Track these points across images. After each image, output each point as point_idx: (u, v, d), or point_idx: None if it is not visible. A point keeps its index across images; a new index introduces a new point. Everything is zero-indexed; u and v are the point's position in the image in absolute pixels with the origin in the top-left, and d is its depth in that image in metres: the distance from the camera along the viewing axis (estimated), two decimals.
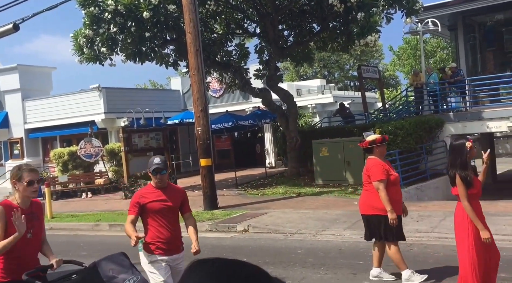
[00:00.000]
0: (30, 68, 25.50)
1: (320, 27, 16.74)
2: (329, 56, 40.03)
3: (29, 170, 4.01)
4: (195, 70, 13.05)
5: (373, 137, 6.54)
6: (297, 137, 17.61)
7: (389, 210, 6.04)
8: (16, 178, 3.97)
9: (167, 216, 4.66)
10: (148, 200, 4.65)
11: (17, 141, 24.72)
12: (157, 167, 4.60)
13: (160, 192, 4.69)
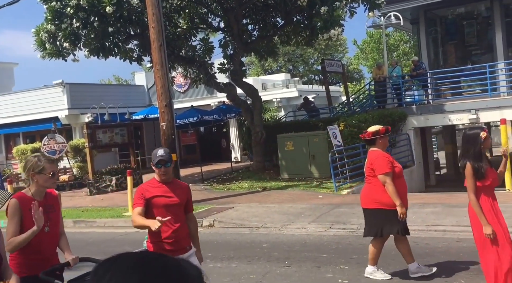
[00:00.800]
0: None
1: (284, 21, 16.83)
2: (293, 50, 40.24)
3: (50, 162, 3.82)
4: (159, 65, 12.94)
5: (376, 127, 6.20)
6: (262, 131, 17.69)
7: (399, 204, 5.77)
8: (37, 170, 3.71)
9: (173, 213, 4.21)
10: (152, 195, 4.25)
11: None
12: (161, 159, 4.23)
13: (165, 187, 4.29)
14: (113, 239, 10.12)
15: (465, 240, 7.83)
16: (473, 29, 19.79)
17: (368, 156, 6.16)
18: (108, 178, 17.38)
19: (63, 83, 22.12)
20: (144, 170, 21.35)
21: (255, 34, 18.11)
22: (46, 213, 3.67)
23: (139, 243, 9.43)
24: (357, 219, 9.50)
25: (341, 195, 12.70)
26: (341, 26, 15.53)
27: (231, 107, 19.85)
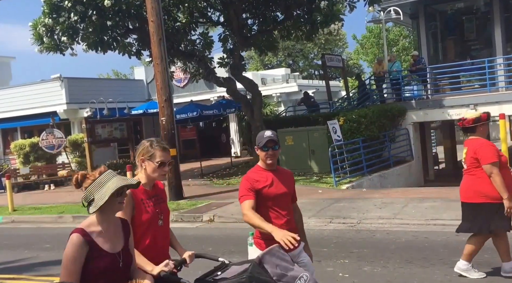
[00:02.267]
0: None
1: (284, 16, 16.76)
2: (293, 45, 40.17)
3: (163, 149, 3.35)
4: (158, 60, 12.91)
5: (476, 114, 5.69)
6: (262, 126, 17.61)
7: (506, 197, 5.26)
8: (146, 156, 3.32)
9: (283, 204, 3.82)
10: (262, 185, 3.75)
11: None
12: (270, 139, 3.72)
13: (272, 175, 3.81)
14: None
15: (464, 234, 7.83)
16: (473, 24, 19.78)
17: (469, 145, 5.66)
18: None
19: (61, 78, 22.04)
20: None
21: (255, 29, 18.03)
22: (158, 205, 3.35)
23: None
24: (357, 214, 9.51)
25: (341, 190, 12.69)
26: (341, 20, 15.47)
27: (231, 102, 19.81)
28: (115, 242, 2.85)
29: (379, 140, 15.82)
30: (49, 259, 8.30)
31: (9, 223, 12.86)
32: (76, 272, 2.69)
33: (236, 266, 3.15)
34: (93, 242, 2.75)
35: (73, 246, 2.70)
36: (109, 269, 2.77)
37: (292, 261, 3.24)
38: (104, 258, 2.76)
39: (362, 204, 10.43)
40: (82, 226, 2.80)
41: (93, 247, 2.74)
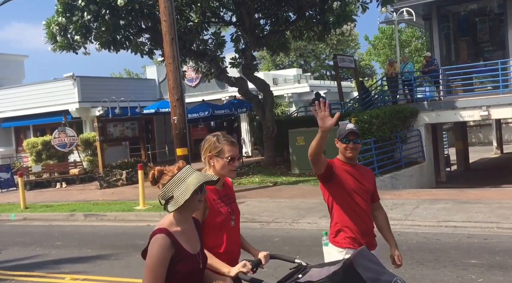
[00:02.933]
0: (2, 56, 24.99)
1: (296, 16, 16.75)
2: (305, 46, 40.13)
3: (231, 143, 3.15)
4: (170, 59, 12.93)
5: None
6: (274, 126, 17.66)
7: None
8: (214, 152, 3.09)
9: (363, 200, 3.62)
10: (341, 173, 3.56)
11: None
12: (352, 132, 3.61)
13: (352, 169, 3.63)
14: (124, 232, 10.15)
15: (476, 236, 7.78)
16: (486, 25, 19.62)
17: None
18: (118, 172, 17.43)
19: (73, 76, 22.20)
20: (155, 164, 21.39)
21: (267, 29, 18.05)
22: (229, 205, 3.14)
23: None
24: None
25: None
26: (353, 21, 15.43)
27: (243, 102, 19.84)
28: (194, 243, 2.67)
29: (391, 141, 15.75)
30: (60, 256, 8.37)
31: (21, 220, 12.98)
32: (163, 276, 2.49)
33: (318, 268, 2.98)
34: (178, 243, 2.55)
35: (160, 248, 2.48)
36: (192, 272, 2.60)
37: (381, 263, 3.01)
38: (188, 260, 2.58)
39: None
40: (165, 226, 2.57)
41: (179, 249, 2.54)
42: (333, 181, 3.55)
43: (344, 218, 3.54)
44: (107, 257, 8.03)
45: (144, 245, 2.61)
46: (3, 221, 13.08)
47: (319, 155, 3.44)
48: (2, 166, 20.83)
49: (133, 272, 6.93)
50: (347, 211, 3.58)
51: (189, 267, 2.58)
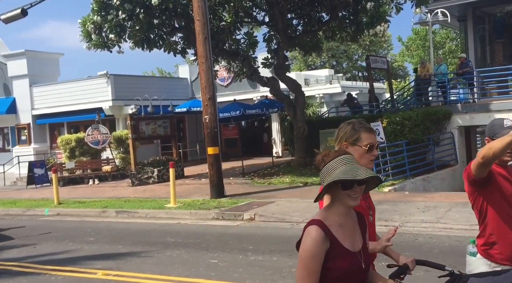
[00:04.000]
0: (38, 53, 25.53)
1: (329, 16, 16.63)
2: (337, 46, 39.83)
3: (368, 130, 2.85)
4: (203, 58, 13.03)
5: None
6: (305, 126, 17.58)
7: None
8: (351, 140, 2.82)
9: None
10: (498, 180, 3.07)
11: (25, 127, 24.86)
12: None
13: (506, 172, 3.13)
14: (154, 229, 10.26)
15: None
16: None
17: None
18: (150, 170, 17.65)
19: (107, 74, 22.58)
20: (186, 162, 21.60)
21: (300, 29, 17.98)
22: (366, 199, 2.85)
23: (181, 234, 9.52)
24: (399, 216, 9.33)
25: (383, 192, 12.47)
26: (387, 22, 15.24)
27: (274, 102, 19.82)
28: (354, 239, 2.40)
29: (423, 143, 15.50)
30: (92, 252, 8.51)
31: (55, 216, 13.26)
32: (317, 272, 2.27)
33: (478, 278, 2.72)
34: (334, 237, 2.31)
35: (313, 241, 2.26)
36: (351, 270, 2.34)
37: None
38: (345, 257, 2.32)
39: (404, 207, 10.24)
40: (319, 218, 2.34)
41: (334, 243, 2.30)
42: (490, 186, 3.06)
43: (501, 229, 3.06)
44: (138, 253, 8.12)
45: (174, 242, 2.58)
46: (37, 216, 13.40)
47: (498, 158, 2.93)
48: (36, 162, 21.36)
49: (164, 269, 7.00)
50: (505, 220, 3.08)
51: (347, 265, 2.32)
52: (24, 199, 16.35)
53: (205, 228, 10.02)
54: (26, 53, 24.74)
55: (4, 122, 25.30)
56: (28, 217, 13.26)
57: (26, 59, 24.60)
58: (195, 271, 6.83)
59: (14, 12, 12.09)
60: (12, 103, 25.06)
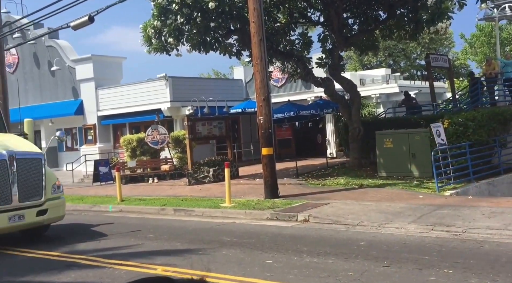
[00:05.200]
0: (103, 58, 26.59)
1: (387, 15, 16.30)
2: (395, 45, 38.91)
3: None
4: (258, 60, 13.10)
5: None
6: (360, 127, 17.32)
7: None
8: None
9: None
10: None
11: (91, 128, 25.96)
12: None
13: None
14: (210, 228, 10.42)
15: None
16: None
17: None
18: (206, 169, 17.94)
19: (166, 77, 23.18)
20: (240, 162, 21.80)
21: (355, 28, 17.74)
22: None
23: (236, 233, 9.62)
24: (462, 222, 8.99)
25: (444, 196, 12.08)
26: (449, 19, 14.73)
27: (328, 102, 19.65)
28: None
29: (488, 145, 14.83)
30: (153, 248, 8.76)
31: (118, 212, 13.75)
32: None
33: None
34: None
35: None
36: None
37: None
38: None
39: (468, 212, 9.84)
40: None
41: None
42: None
43: None
44: (195, 251, 8.29)
45: (229, 241, 2.62)
46: (102, 212, 13.96)
47: None
48: (101, 160, 22.23)
49: (220, 267, 7.10)
50: None
51: None
52: (90, 195, 17.06)
53: (259, 228, 10.08)
54: (92, 58, 25.85)
55: (73, 123, 26.51)
56: (94, 213, 13.82)
57: (92, 63, 25.71)
58: (250, 271, 6.89)
59: (82, 19, 12.65)
60: (80, 105, 26.25)
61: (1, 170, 8.93)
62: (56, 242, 9.75)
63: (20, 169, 9.10)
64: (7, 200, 8.91)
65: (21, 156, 9.23)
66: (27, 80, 28.30)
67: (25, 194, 9.15)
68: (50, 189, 9.63)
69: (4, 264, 8.26)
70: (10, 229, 9.21)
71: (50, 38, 26.67)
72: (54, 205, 9.69)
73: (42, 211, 9.42)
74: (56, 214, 9.84)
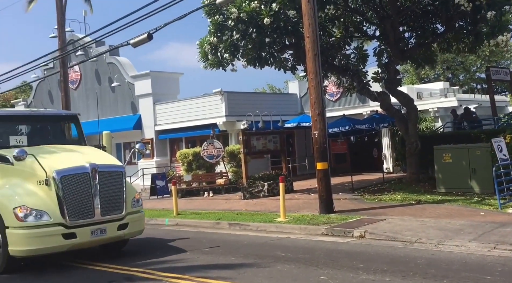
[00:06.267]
0: (161, 74, 27.48)
1: (445, 28, 15.98)
2: (453, 58, 37.87)
3: None
4: (313, 74, 13.16)
5: None
6: (417, 142, 16.97)
7: None
8: None
9: None
10: None
11: (148, 142, 26.77)
12: None
13: None
14: (265, 243, 10.49)
15: None
16: None
17: None
18: (260, 184, 18.08)
19: (221, 92, 23.64)
20: (295, 177, 21.82)
21: (412, 42, 17.48)
22: None
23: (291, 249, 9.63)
24: None
25: (507, 214, 11.60)
26: (509, 31, 14.26)
27: (384, 117, 19.39)
28: None
29: None
30: (208, 262, 8.91)
31: (174, 225, 14.07)
32: None
33: None
34: None
35: None
36: None
37: None
38: None
39: None
40: None
41: None
42: None
43: None
44: (250, 265, 8.37)
45: (284, 256, 2.66)
46: (158, 225, 14.33)
47: None
48: (158, 174, 22.87)
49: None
50: None
51: None
52: (147, 209, 17.50)
53: (314, 244, 10.05)
54: (151, 74, 26.78)
55: (131, 137, 27.47)
56: (151, 226, 14.20)
57: (150, 79, 26.63)
58: None
59: (141, 37, 13.19)
60: (138, 119, 27.18)
61: (84, 183, 8.85)
62: (114, 255, 10.04)
63: (102, 182, 8.97)
64: (89, 213, 8.83)
65: (103, 169, 9.10)
66: (89, 96, 29.61)
67: (106, 208, 9.03)
68: (130, 203, 9.52)
69: (76, 277, 8.64)
70: (92, 243, 9.14)
71: (111, 55, 27.83)
72: (134, 219, 9.59)
73: (123, 225, 9.31)
74: (136, 228, 9.70)
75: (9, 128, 10.54)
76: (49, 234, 8.45)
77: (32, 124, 11.02)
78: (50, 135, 11.20)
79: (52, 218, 8.49)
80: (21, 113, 11.57)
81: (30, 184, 8.90)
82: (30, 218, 8.38)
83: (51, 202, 8.59)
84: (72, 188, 8.72)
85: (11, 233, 8.41)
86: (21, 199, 8.57)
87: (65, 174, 8.71)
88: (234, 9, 14.77)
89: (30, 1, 28.10)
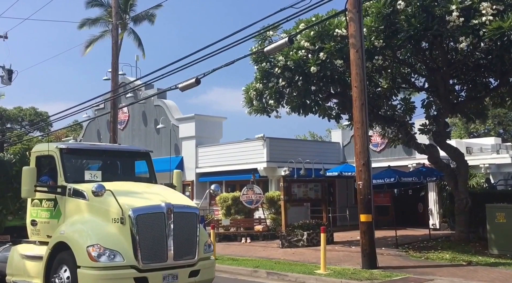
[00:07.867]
0: (205, 117, 27.84)
1: (499, 82, 15.53)
2: (505, 113, 36.81)
3: None
4: (359, 124, 12.91)
5: None
6: (468, 198, 16.22)
7: None
8: None
9: None
10: None
11: (189, 184, 26.81)
12: None
13: None
14: None
15: None
16: None
17: None
18: (299, 232, 17.60)
19: (264, 137, 23.61)
20: (335, 227, 21.18)
21: (463, 95, 17.04)
22: None
23: None
24: None
25: None
26: None
27: (432, 170, 18.74)
28: None
29: None
30: None
31: None
32: None
33: None
34: None
35: None
36: None
37: None
38: None
39: None
40: None
41: None
42: None
43: None
44: None
45: None
46: None
47: None
48: None
49: None
50: None
51: None
52: None
53: None
54: (195, 117, 27.17)
55: None
56: None
57: (194, 122, 27.00)
58: None
59: (189, 81, 13.37)
60: (180, 161, 27.36)
61: (159, 223, 8.17)
62: None
63: (176, 224, 8.27)
64: (162, 257, 8.13)
65: (179, 209, 8.42)
66: (135, 136, 30.20)
67: (179, 252, 8.31)
68: (202, 247, 8.76)
69: None
70: None
71: (158, 98, 28.48)
72: (206, 265, 8.79)
73: (194, 271, 8.49)
74: (207, 276, 8.86)
75: (84, 163, 10.11)
76: (121, 277, 7.81)
77: (105, 159, 10.44)
78: (121, 171, 10.68)
79: (125, 259, 7.86)
80: (97, 148, 10.98)
81: (104, 221, 8.31)
82: (103, 258, 7.78)
83: (125, 241, 7.97)
84: (147, 228, 8.08)
85: (83, 273, 7.82)
86: (96, 237, 7.99)
87: (141, 212, 8.09)
88: (281, 57, 14.88)
89: (87, 46, 29.58)
